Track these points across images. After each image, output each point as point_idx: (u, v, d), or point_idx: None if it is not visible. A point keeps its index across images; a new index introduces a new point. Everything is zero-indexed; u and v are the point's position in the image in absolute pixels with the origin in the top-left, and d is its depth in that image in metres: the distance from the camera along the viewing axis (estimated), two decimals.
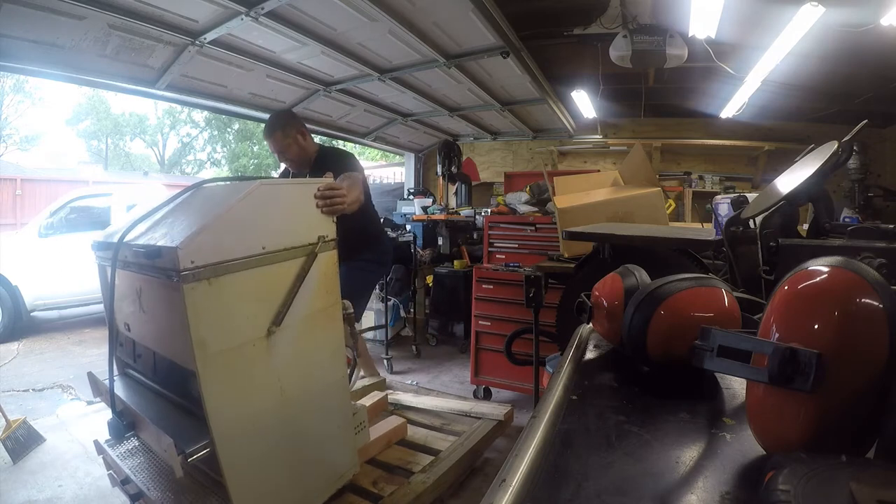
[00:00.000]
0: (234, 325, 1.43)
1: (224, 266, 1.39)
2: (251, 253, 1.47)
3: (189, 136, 25.35)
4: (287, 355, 1.58)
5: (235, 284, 1.42)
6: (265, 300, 1.52)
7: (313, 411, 1.70)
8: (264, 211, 1.54)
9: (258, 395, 1.51)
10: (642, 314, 0.76)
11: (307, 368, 1.66)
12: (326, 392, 1.75)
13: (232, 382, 1.42)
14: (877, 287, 0.48)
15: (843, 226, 1.21)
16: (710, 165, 6.08)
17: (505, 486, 0.49)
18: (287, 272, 1.58)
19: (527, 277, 2.13)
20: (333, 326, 1.77)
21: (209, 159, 25.47)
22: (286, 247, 1.58)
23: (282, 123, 2.54)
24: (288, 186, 1.73)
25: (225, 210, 1.45)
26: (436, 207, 5.28)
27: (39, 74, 3.11)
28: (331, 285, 1.75)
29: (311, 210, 1.69)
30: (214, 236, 1.39)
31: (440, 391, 3.46)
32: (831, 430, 0.48)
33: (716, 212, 2.50)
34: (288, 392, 1.59)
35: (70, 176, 13.72)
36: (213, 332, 1.36)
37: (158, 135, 24.92)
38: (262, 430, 1.51)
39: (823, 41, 3.13)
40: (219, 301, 1.38)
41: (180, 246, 1.30)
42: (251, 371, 1.48)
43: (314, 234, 1.67)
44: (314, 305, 1.67)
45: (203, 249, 1.34)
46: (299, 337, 1.62)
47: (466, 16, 2.94)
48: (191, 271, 1.31)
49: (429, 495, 2.06)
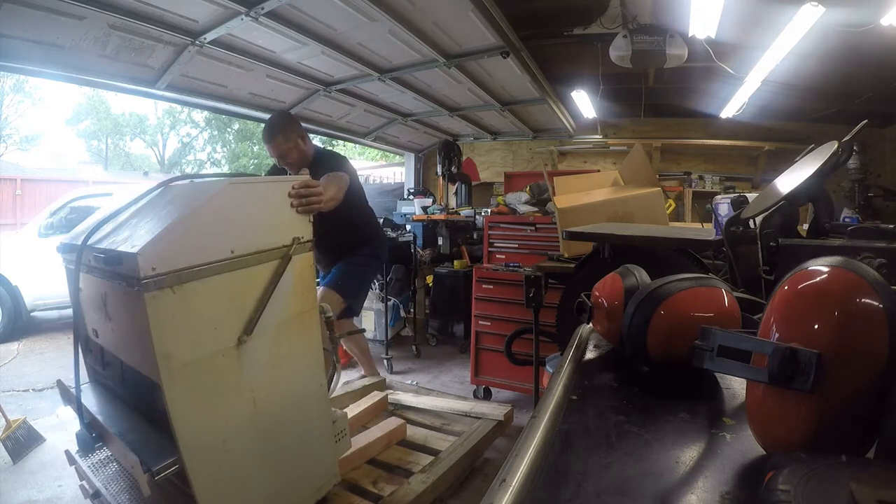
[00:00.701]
0: (202, 335, 1.35)
1: (189, 272, 1.30)
2: (219, 258, 1.37)
3: (189, 136, 25.38)
4: (260, 365, 1.49)
5: (202, 292, 1.33)
6: (235, 307, 1.43)
7: (290, 422, 1.61)
8: (233, 212, 1.45)
9: (229, 407, 1.43)
10: (642, 314, 0.76)
11: (282, 377, 1.58)
12: (304, 401, 1.66)
13: (200, 395, 1.34)
14: (877, 287, 0.48)
15: (843, 226, 1.21)
16: (710, 165, 6.08)
17: (505, 486, 0.49)
18: (259, 277, 1.49)
19: (527, 277, 2.12)
20: (311, 332, 1.69)
21: (209, 159, 25.48)
22: (258, 250, 1.48)
23: (283, 128, 2.52)
24: (259, 185, 1.63)
25: (189, 213, 1.35)
26: (436, 207, 5.28)
27: (39, 74, 3.11)
28: (307, 289, 1.66)
29: (285, 210, 1.59)
30: (178, 241, 1.29)
31: (440, 391, 3.46)
32: (831, 430, 0.48)
33: (716, 212, 2.50)
34: (262, 403, 1.51)
35: (70, 176, 13.74)
36: (178, 343, 1.28)
37: (158, 135, 24.93)
38: (234, 445, 1.43)
39: (823, 41, 3.13)
40: (184, 310, 1.29)
41: (140, 252, 1.21)
42: (221, 383, 1.40)
43: (288, 235, 1.58)
44: (289, 311, 1.58)
45: (166, 255, 1.25)
46: (273, 345, 1.53)
47: (466, 16, 2.94)
48: (152, 279, 1.22)
49: (428, 495, 2.06)
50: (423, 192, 6.06)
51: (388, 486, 2.14)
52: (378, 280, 4.33)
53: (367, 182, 12.26)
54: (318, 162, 2.55)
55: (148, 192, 1.61)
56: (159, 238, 1.26)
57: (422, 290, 4.91)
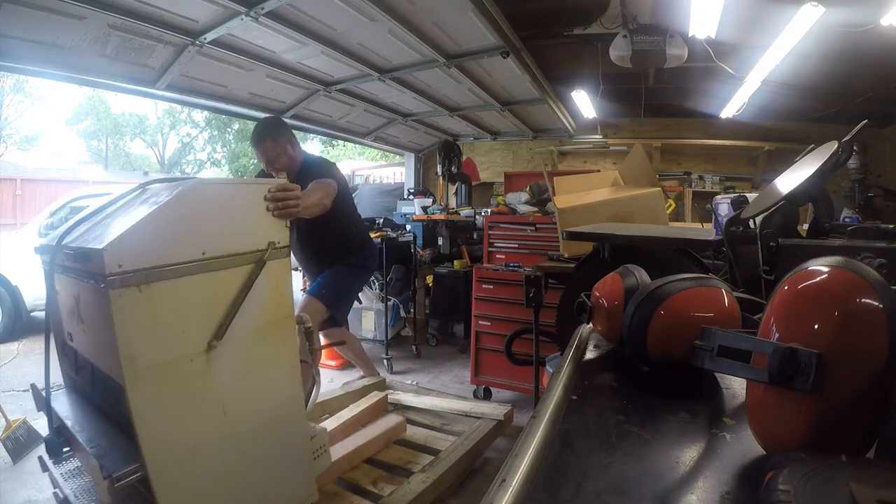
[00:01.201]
0: (169, 337, 1.31)
1: (158, 271, 1.27)
2: (189, 258, 1.34)
3: (189, 136, 25.38)
4: (231, 372, 1.44)
5: (171, 292, 1.30)
6: (205, 311, 1.39)
7: (262, 435, 1.56)
8: (206, 213, 1.41)
9: (197, 415, 1.38)
10: (642, 314, 0.76)
11: (255, 387, 1.53)
12: (278, 414, 1.60)
13: (166, 401, 1.30)
14: (877, 287, 0.48)
15: (843, 226, 1.21)
16: (710, 165, 6.08)
17: (505, 486, 0.49)
18: (231, 281, 1.45)
19: (527, 277, 2.12)
20: (286, 342, 1.63)
21: (209, 159, 25.48)
22: (230, 253, 1.44)
23: (272, 133, 2.48)
24: (234, 187, 1.60)
25: (158, 210, 1.32)
26: (436, 207, 5.28)
27: (39, 74, 3.11)
28: (283, 297, 1.61)
29: (261, 214, 1.55)
30: (146, 239, 1.27)
31: (440, 391, 3.46)
32: (831, 430, 0.48)
33: (716, 212, 2.50)
34: (232, 413, 1.45)
35: (70, 176, 13.74)
36: (143, 344, 1.25)
37: (158, 135, 24.94)
38: (202, 455, 1.38)
39: (823, 41, 3.12)
40: (151, 310, 1.26)
41: (106, 248, 1.19)
42: (188, 389, 1.36)
43: (263, 239, 1.53)
44: (263, 318, 1.53)
45: (133, 252, 1.23)
46: (245, 352, 1.49)
47: (466, 16, 2.94)
48: (118, 276, 1.19)
49: (428, 495, 2.06)
50: (423, 192, 6.06)
51: (388, 485, 2.14)
52: (378, 280, 4.33)
53: (367, 182, 12.26)
54: (307, 169, 2.50)
55: (127, 193, 1.59)
56: (127, 234, 1.24)
57: (422, 290, 4.91)
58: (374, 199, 7.84)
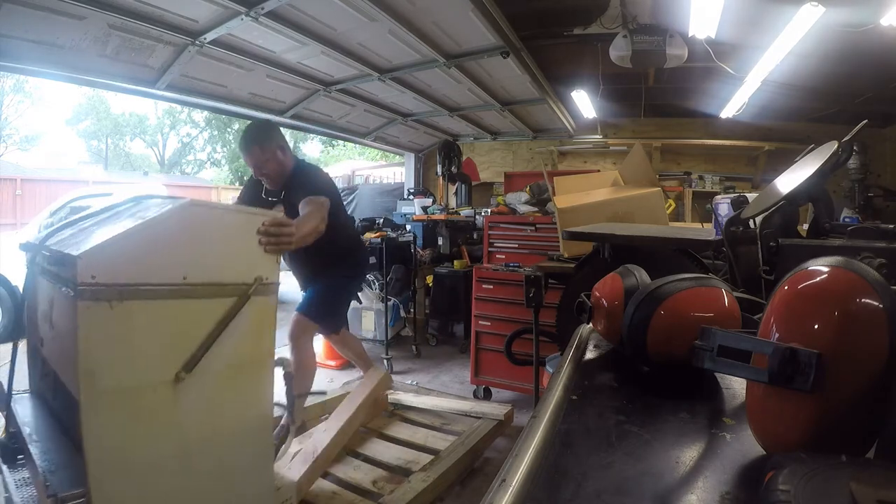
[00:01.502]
0: (135, 361, 1.23)
1: (133, 290, 1.20)
2: (169, 281, 1.27)
3: (189, 136, 25.41)
4: (197, 409, 1.36)
5: (144, 314, 1.23)
6: (178, 340, 1.31)
7: (224, 480, 1.45)
8: (192, 236, 1.33)
9: (155, 448, 1.29)
10: (642, 314, 0.76)
11: (222, 429, 1.42)
12: (244, 460, 1.50)
13: (122, 428, 1.22)
14: (877, 287, 0.48)
15: (843, 226, 1.21)
16: (710, 165, 6.08)
17: (505, 486, 0.49)
18: (210, 312, 1.36)
19: (527, 277, 2.12)
20: (261, 385, 1.53)
21: (209, 159, 25.51)
22: (214, 282, 1.36)
23: (261, 138, 2.34)
24: (226, 213, 1.50)
25: (142, 225, 1.25)
26: (436, 207, 5.28)
27: (39, 74, 3.11)
28: (264, 336, 1.51)
29: (252, 245, 1.46)
30: (126, 253, 1.19)
31: (440, 391, 3.46)
32: (831, 430, 0.48)
33: (716, 212, 2.50)
34: (193, 452, 1.36)
35: (70, 176, 13.74)
36: (106, 364, 1.17)
37: (158, 135, 24.96)
38: (154, 491, 1.29)
39: (823, 41, 3.12)
40: (120, 330, 1.19)
41: (81, 256, 1.12)
42: (149, 419, 1.27)
43: (251, 273, 1.44)
44: (239, 357, 1.44)
45: (109, 265, 1.15)
46: (216, 390, 1.40)
47: (466, 16, 2.94)
48: (90, 287, 1.12)
49: (429, 494, 2.06)
50: (423, 192, 6.06)
51: (388, 485, 2.15)
52: (378, 280, 4.33)
53: (367, 182, 12.26)
54: (297, 177, 2.40)
55: (122, 203, 1.54)
56: (105, 245, 1.17)
57: (422, 290, 4.91)
58: (374, 199, 7.85)
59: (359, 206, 7.79)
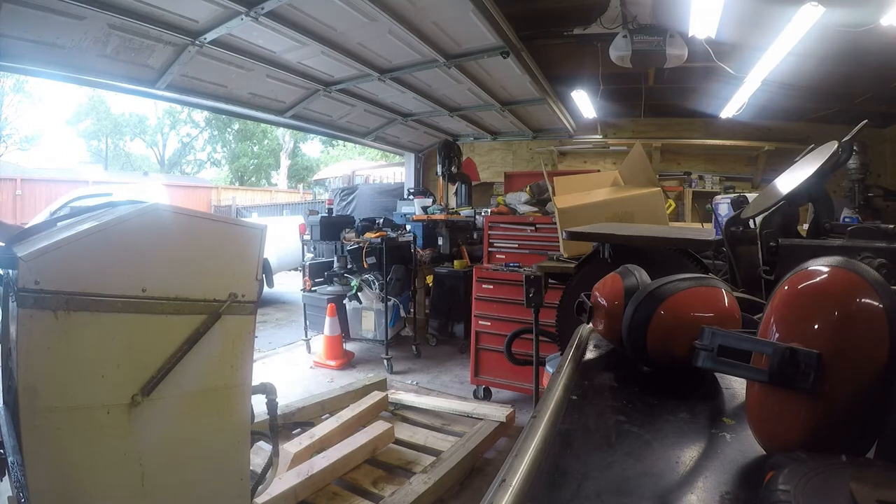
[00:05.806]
0: (84, 379, 1.10)
1: (82, 300, 1.07)
2: (124, 293, 1.14)
3: (189, 136, 25.39)
4: (156, 437, 1.20)
5: (94, 327, 1.10)
6: (134, 359, 1.17)
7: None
8: (155, 243, 1.20)
9: (107, 480, 1.14)
10: (642, 314, 0.76)
11: (187, 461, 1.26)
12: (213, 497, 1.33)
13: (68, 453, 1.08)
14: (877, 287, 0.48)
15: (843, 226, 1.20)
16: (710, 165, 6.08)
17: (505, 486, 0.49)
18: (174, 330, 1.22)
19: (527, 277, 2.12)
20: (235, 414, 1.36)
21: (209, 159, 25.50)
22: (178, 296, 1.21)
23: None
24: (198, 221, 1.34)
25: (95, 228, 1.11)
26: (436, 207, 5.28)
27: (39, 74, 3.11)
28: (239, 360, 1.35)
29: (226, 258, 1.31)
30: (74, 258, 1.07)
31: (441, 391, 3.46)
32: (831, 430, 0.48)
33: (716, 212, 2.51)
34: (152, 485, 1.20)
35: (70, 176, 13.72)
36: (50, 379, 1.05)
37: (158, 135, 24.94)
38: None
39: (823, 41, 3.13)
40: (66, 343, 1.06)
41: (24, 257, 1.01)
42: (100, 445, 1.13)
43: (224, 289, 1.29)
44: (209, 382, 1.28)
45: (55, 270, 1.04)
46: (179, 417, 1.24)
47: (466, 16, 2.94)
48: (32, 294, 1.01)
49: (430, 496, 2.06)
50: (423, 192, 6.06)
51: (389, 486, 2.15)
52: (378, 280, 4.33)
53: (367, 182, 12.26)
54: None
55: (96, 207, 1.43)
56: (51, 248, 1.04)
57: (422, 290, 4.91)
58: (374, 199, 7.85)
59: (359, 206, 7.79)
